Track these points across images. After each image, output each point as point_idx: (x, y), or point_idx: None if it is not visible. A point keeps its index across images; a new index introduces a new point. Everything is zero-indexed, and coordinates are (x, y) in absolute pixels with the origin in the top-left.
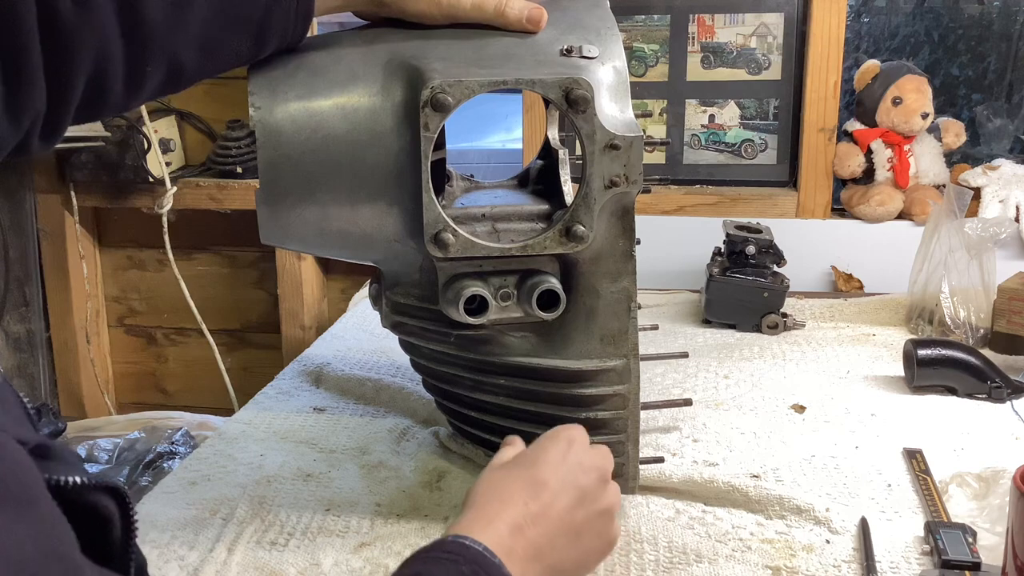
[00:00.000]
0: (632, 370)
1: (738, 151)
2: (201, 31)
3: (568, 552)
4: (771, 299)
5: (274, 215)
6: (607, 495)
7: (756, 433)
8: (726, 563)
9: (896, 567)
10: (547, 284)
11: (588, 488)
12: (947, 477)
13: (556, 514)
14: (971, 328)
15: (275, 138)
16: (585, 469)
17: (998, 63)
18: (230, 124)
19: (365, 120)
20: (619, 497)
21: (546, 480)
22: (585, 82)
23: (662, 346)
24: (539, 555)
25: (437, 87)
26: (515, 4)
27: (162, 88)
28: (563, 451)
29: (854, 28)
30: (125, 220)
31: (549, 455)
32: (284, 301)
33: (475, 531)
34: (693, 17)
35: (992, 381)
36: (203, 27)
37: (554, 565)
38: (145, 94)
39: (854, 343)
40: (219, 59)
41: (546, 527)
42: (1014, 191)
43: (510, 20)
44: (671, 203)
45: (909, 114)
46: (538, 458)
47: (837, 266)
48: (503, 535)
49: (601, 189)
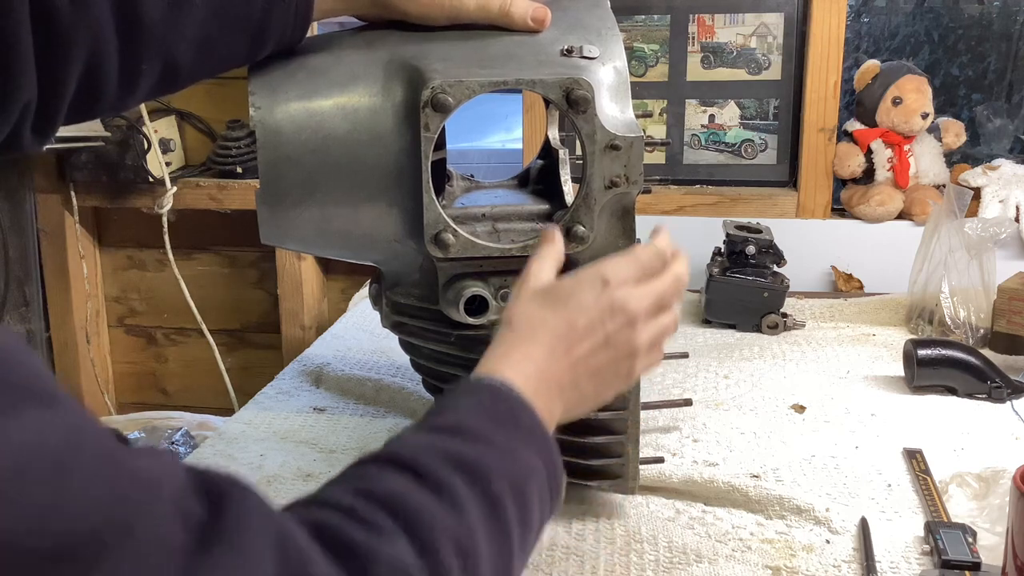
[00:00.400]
0: None
1: (738, 151)
2: (198, 31)
3: (589, 389)
4: (771, 299)
5: (274, 215)
6: (633, 339)
7: (756, 433)
8: (726, 563)
9: (896, 567)
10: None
11: (613, 334)
12: (947, 477)
13: (582, 357)
14: (971, 328)
15: (275, 138)
16: (614, 313)
17: (998, 63)
18: (230, 124)
19: (365, 120)
20: (648, 337)
21: (575, 322)
22: (586, 82)
23: None
24: (562, 393)
25: (438, 87)
26: (519, 3)
27: (158, 87)
28: (596, 293)
29: (854, 28)
30: (125, 220)
31: (582, 297)
32: (284, 301)
33: (503, 369)
34: (693, 17)
35: (992, 381)
36: (201, 27)
37: (576, 400)
38: (140, 93)
39: (854, 343)
40: (216, 60)
41: (570, 370)
42: (1014, 191)
43: (514, 20)
44: (671, 203)
45: (909, 114)
46: (571, 298)
47: (837, 266)
48: (530, 375)
49: (601, 189)
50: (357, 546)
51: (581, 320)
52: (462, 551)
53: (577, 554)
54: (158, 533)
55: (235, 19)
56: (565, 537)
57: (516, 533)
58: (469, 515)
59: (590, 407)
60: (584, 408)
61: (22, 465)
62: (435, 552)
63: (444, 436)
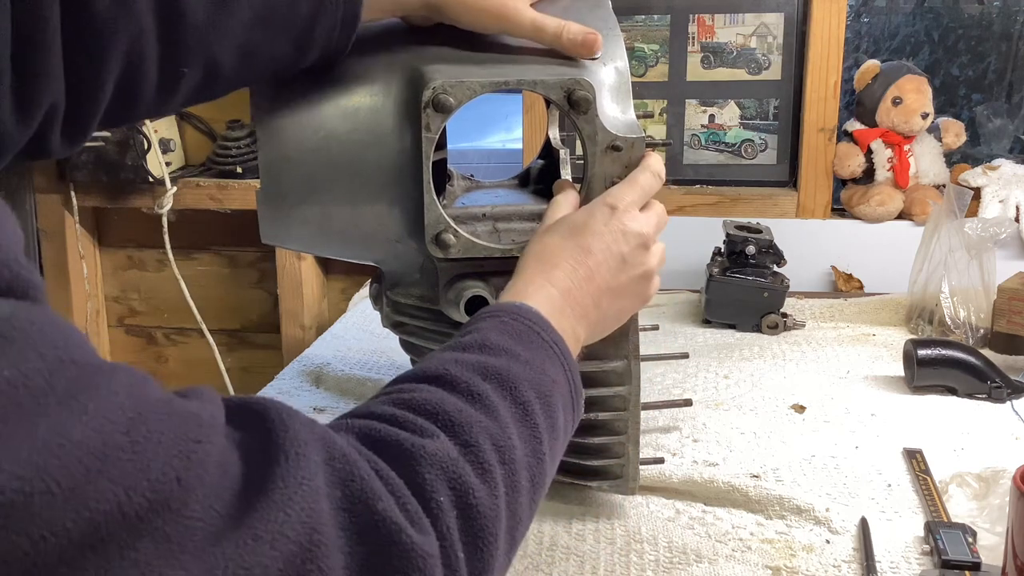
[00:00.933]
0: (633, 371)
1: (738, 151)
2: (242, 33)
3: (610, 310)
4: (771, 299)
5: (274, 215)
6: (647, 260)
7: (756, 433)
8: (726, 563)
9: (896, 567)
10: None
11: (628, 255)
12: (947, 477)
13: (600, 279)
14: (971, 328)
15: (275, 138)
16: (627, 236)
17: (998, 63)
18: (230, 124)
19: (366, 120)
20: (659, 259)
21: (591, 247)
22: (587, 83)
23: (662, 346)
24: (584, 315)
25: (439, 88)
26: (572, 28)
27: (198, 92)
28: (606, 218)
29: (854, 28)
30: (125, 220)
31: (594, 223)
32: (284, 301)
33: (525, 296)
34: (693, 17)
35: (992, 381)
36: (244, 29)
37: (597, 322)
38: (179, 97)
39: (854, 343)
40: (258, 64)
41: (590, 291)
42: (1014, 191)
43: (564, 45)
44: (671, 203)
45: (909, 114)
46: (585, 226)
47: (837, 266)
48: (552, 297)
49: (603, 190)
50: (402, 443)
51: (596, 244)
52: (499, 447)
53: (577, 554)
54: (223, 465)
55: (280, 22)
56: (565, 537)
57: (546, 438)
58: (502, 417)
59: (611, 327)
60: (606, 328)
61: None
62: (476, 447)
63: (470, 352)
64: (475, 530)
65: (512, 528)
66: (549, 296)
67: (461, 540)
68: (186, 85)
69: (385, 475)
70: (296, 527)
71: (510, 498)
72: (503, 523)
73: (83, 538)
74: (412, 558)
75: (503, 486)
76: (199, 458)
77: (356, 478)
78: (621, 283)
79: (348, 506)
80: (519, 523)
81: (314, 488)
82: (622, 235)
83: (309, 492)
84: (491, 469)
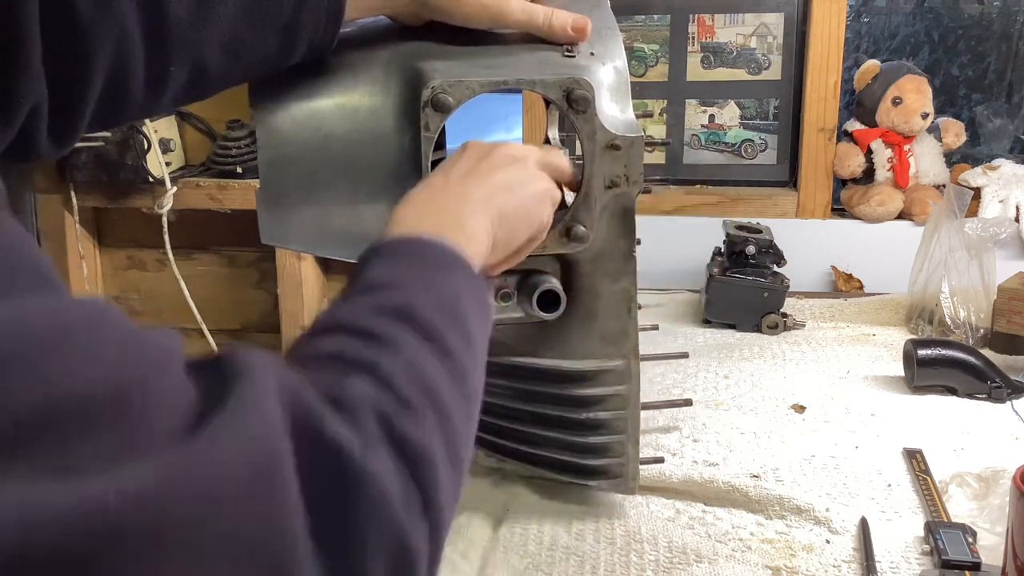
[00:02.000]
0: (632, 370)
1: (738, 151)
2: (227, 29)
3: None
4: (771, 299)
5: (274, 215)
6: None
7: (756, 433)
8: (726, 563)
9: (896, 567)
10: (547, 284)
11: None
12: (947, 477)
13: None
14: (971, 328)
15: (275, 138)
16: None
17: (998, 63)
18: (230, 124)
19: (366, 120)
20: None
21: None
22: (586, 82)
23: (662, 346)
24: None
25: (438, 87)
26: (560, 14)
27: (187, 91)
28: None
29: (854, 28)
30: (125, 220)
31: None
32: (284, 301)
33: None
34: (693, 17)
35: (992, 381)
36: (229, 25)
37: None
38: (169, 96)
39: (854, 343)
40: (245, 61)
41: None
42: (1014, 191)
43: (555, 31)
44: (671, 203)
45: (909, 114)
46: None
47: (837, 266)
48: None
49: (601, 189)
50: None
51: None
52: (413, 377)
53: (577, 554)
54: (182, 382)
55: (264, 17)
56: (565, 537)
57: (461, 351)
58: (410, 350)
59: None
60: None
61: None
62: (391, 384)
63: (358, 297)
64: (414, 459)
65: (452, 445)
66: (417, 208)
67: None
68: (175, 83)
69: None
70: (256, 440)
71: (440, 420)
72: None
73: (39, 414)
74: (364, 478)
75: (430, 412)
76: (160, 369)
77: (304, 406)
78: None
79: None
80: (458, 439)
81: (270, 408)
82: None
83: (265, 410)
84: (412, 400)
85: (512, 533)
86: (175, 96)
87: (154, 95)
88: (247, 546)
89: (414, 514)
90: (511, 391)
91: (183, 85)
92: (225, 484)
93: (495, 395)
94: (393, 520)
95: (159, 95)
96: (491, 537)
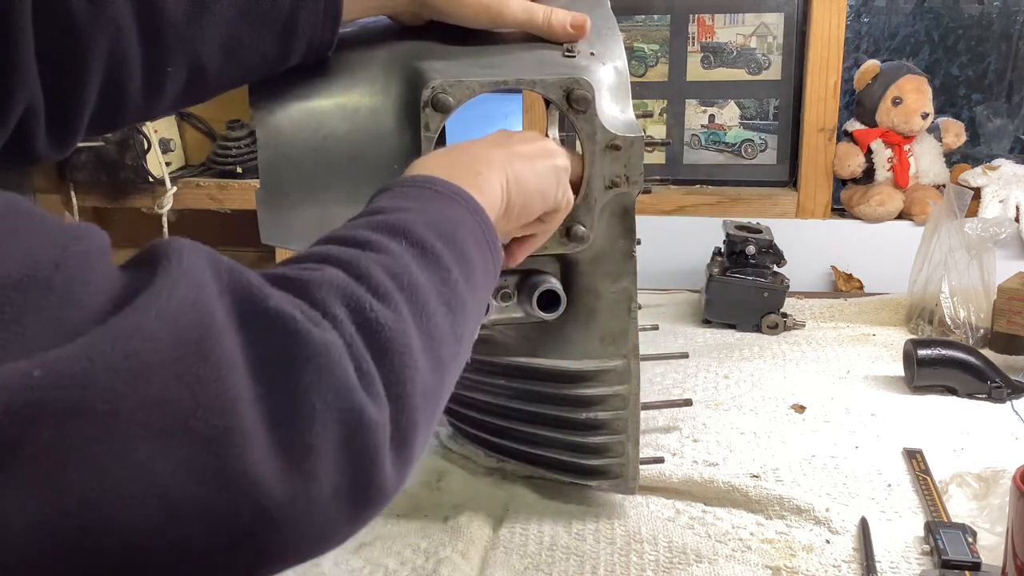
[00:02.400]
0: (632, 370)
1: (738, 151)
2: (224, 30)
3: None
4: (771, 299)
5: (274, 215)
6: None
7: (756, 433)
8: (726, 563)
9: (896, 567)
10: (547, 284)
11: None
12: (947, 477)
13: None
14: (971, 328)
15: (275, 138)
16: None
17: (998, 63)
18: (230, 124)
19: (366, 120)
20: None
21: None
22: (586, 82)
23: (662, 346)
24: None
25: (438, 87)
26: (559, 13)
27: (186, 93)
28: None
29: (854, 28)
30: (125, 220)
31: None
32: None
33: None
34: (693, 17)
35: (992, 381)
36: (226, 26)
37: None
38: (167, 98)
39: (854, 343)
40: (243, 62)
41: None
42: (1014, 191)
43: (555, 29)
44: (671, 203)
45: (909, 114)
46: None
47: (837, 266)
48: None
49: (602, 189)
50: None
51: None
52: (394, 275)
53: (577, 554)
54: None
55: (261, 18)
56: (565, 537)
57: (454, 268)
58: (397, 254)
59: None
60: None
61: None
62: (367, 276)
63: (360, 219)
64: (381, 342)
65: (431, 348)
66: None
67: (367, 349)
68: (173, 85)
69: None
70: (184, 307)
71: (418, 319)
72: (415, 340)
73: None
74: (312, 344)
75: (406, 306)
76: (80, 250)
77: (244, 284)
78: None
79: (237, 301)
80: (440, 343)
81: (201, 280)
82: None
83: (195, 281)
84: (389, 292)
85: (512, 533)
86: (174, 98)
87: (152, 97)
88: (179, 412)
89: (374, 393)
90: (511, 391)
91: (181, 86)
92: (149, 349)
93: (495, 395)
94: (345, 390)
95: (158, 97)
96: (491, 537)
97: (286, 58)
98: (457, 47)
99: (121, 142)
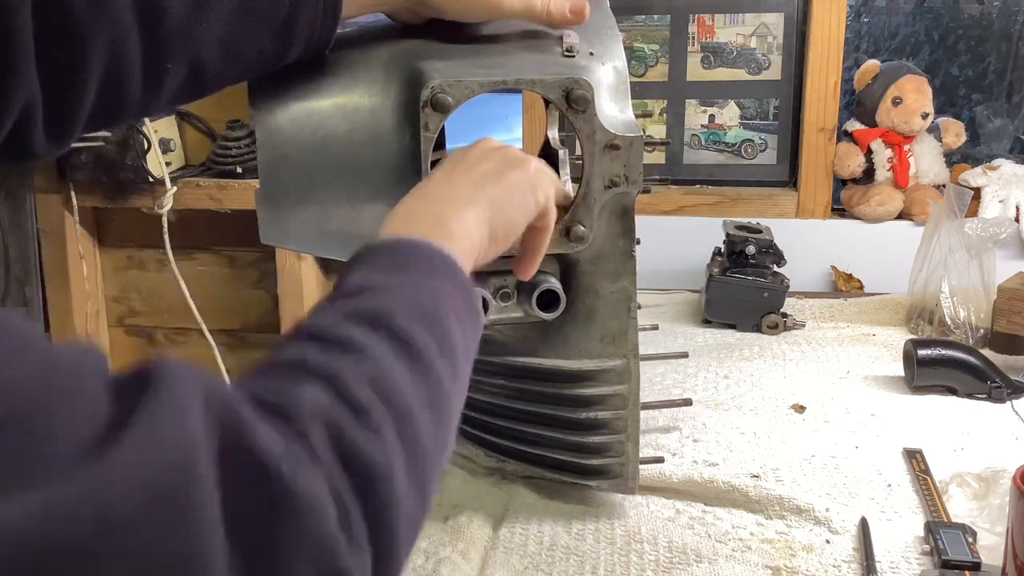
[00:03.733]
0: (632, 370)
1: (738, 151)
2: (223, 27)
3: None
4: (771, 299)
5: (274, 215)
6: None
7: (756, 433)
8: (726, 563)
9: (896, 567)
10: (547, 284)
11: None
12: (947, 477)
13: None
14: (971, 328)
15: (275, 138)
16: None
17: (998, 63)
18: (230, 124)
19: (365, 120)
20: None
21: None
22: (585, 82)
23: (662, 346)
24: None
25: (437, 87)
26: (557, 1)
27: (185, 90)
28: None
29: (854, 28)
30: (125, 220)
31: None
32: (284, 301)
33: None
34: (693, 17)
35: (992, 381)
36: (225, 22)
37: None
38: (167, 95)
39: (854, 343)
40: (242, 59)
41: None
42: (1014, 191)
43: (554, 17)
44: (671, 203)
45: (909, 114)
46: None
47: (837, 266)
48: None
49: (601, 189)
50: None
51: (458, 158)
52: (378, 388)
53: (577, 554)
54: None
55: (261, 14)
56: (565, 537)
57: (437, 360)
58: (379, 357)
59: (521, 212)
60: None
61: None
62: (350, 396)
63: (339, 301)
64: (365, 482)
65: (414, 464)
66: (409, 210)
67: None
68: (172, 82)
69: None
70: (166, 454)
71: (403, 436)
72: (399, 464)
73: None
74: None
75: (392, 428)
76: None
77: (234, 420)
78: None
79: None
80: (424, 456)
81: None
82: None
83: (180, 419)
84: (372, 412)
85: (512, 533)
86: (173, 95)
87: (152, 93)
88: (149, 571)
89: (357, 545)
90: (511, 391)
91: (180, 83)
92: (122, 505)
93: (495, 395)
94: (326, 549)
95: (157, 93)
96: (491, 537)
97: (285, 55)
98: (456, 47)
99: (121, 142)
